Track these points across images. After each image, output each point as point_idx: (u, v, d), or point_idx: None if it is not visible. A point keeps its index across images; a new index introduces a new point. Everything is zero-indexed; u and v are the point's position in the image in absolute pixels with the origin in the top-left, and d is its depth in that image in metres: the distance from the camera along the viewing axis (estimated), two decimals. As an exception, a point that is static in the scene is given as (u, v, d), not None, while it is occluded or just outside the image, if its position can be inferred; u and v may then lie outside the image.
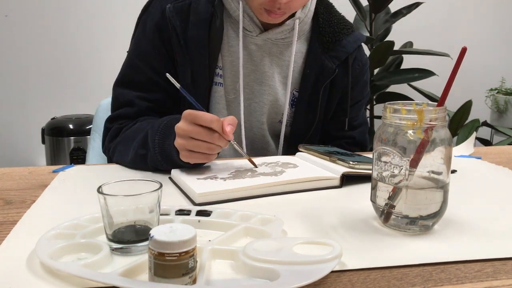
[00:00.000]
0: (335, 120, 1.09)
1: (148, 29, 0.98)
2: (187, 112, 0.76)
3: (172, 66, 0.98)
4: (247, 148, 1.04)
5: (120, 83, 1.01)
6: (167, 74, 0.84)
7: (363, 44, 1.10)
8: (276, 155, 1.06)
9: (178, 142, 0.77)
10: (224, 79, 1.01)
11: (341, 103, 1.07)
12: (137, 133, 0.90)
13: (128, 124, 0.96)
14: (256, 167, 0.83)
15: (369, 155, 0.93)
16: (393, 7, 2.37)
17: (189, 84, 0.97)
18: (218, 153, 0.80)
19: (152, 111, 0.98)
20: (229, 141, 0.77)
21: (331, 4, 1.09)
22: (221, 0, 0.98)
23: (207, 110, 1.01)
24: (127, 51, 1.04)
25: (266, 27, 1.00)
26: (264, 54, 1.01)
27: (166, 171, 0.83)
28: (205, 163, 0.82)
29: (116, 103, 1.01)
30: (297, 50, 1.03)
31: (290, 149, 1.06)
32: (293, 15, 1.00)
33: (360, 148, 1.11)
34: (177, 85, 0.83)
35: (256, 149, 1.07)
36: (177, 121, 0.81)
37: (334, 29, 1.03)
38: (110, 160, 0.98)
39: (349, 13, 2.44)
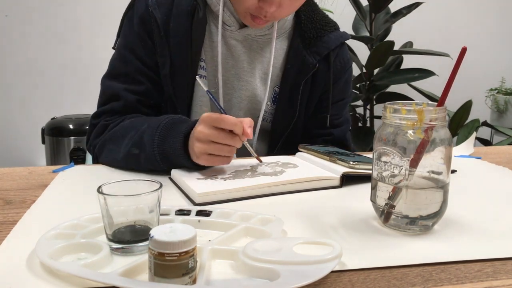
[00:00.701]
0: (316, 117, 1.08)
1: (135, 23, 0.99)
2: (206, 115, 0.76)
3: (156, 58, 0.99)
4: None
5: (108, 76, 1.02)
6: (196, 77, 0.87)
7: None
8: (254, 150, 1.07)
9: (198, 146, 0.76)
10: (207, 72, 1.02)
11: (322, 100, 1.07)
12: (129, 131, 0.89)
13: (115, 121, 0.95)
14: (261, 161, 0.85)
15: (369, 155, 0.93)
16: (393, 7, 2.37)
17: (167, 75, 0.98)
18: None
19: (138, 103, 0.98)
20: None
21: (315, 3, 1.09)
22: None
23: (190, 101, 1.02)
24: (113, 47, 1.05)
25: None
26: (244, 49, 1.02)
27: (166, 171, 0.83)
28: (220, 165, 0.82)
29: (103, 97, 1.01)
30: (278, 47, 1.04)
31: (272, 146, 1.07)
32: None
33: (339, 146, 1.08)
34: (205, 88, 0.85)
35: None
36: (179, 121, 0.81)
37: (316, 26, 1.03)
38: (95, 158, 0.96)
39: (349, 13, 2.46)
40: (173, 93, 0.98)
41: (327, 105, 1.06)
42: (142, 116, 0.96)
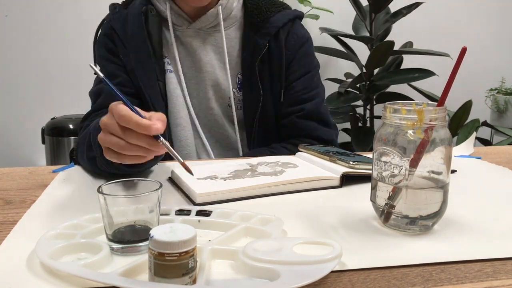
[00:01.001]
0: (283, 98, 1.09)
1: (97, 47, 1.09)
2: (113, 104, 0.64)
3: (124, 71, 1.05)
4: (207, 138, 1.10)
5: (94, 92, 1.09)
6: (90, 64, 0.71)
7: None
8: (236, 140, 1.10)
9: (99, 137, 0.67)
10: (172, 72, 1.08)
11: (279, 78, 1.09)
12: (87, 134, 0.84)
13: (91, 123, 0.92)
14: (192, 174, 0.65)
15: (369, 155, 0.93)
16: (393, 7, 2.37)
17: (136, 79, 1.03)
18: (158, 157, 0.70)
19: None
20: (157, 139, 0.62)
21: None
22: (151, 3, 1.06)
23: (166, 98, 1.07)
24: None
25: (194, 19, 1.06)
26: (198, 43, 1.07)
27: (165, 171, 0.83)
28: (143, 165, 0.70)
29: (91, 102, 1.08)
30: (232, 36, 1.09)
31: (248, 132, 1.09)
32: (217, 2, 1.05)
33: (315, 121, 1.08)
34: (100, 74, 0.66)
35: (216, 136, 1.11)
36: None
37: (261, 10, 1.08)
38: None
39: (349, 13, 2.46)
40: (145, 91, 1.02)
41: (281, 82, 1.08)
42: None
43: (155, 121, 0.61)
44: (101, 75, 0.66)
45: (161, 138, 0.61)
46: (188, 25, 1.06)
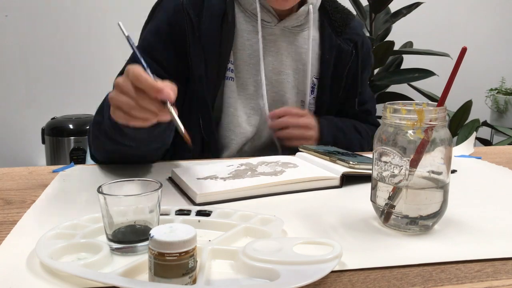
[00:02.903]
0: (350, 100, 1.12)
1: (160, 24, 0.98)
2: (131, 66, 0.66)
3: (178, 62, 0.97)
4: (271, 138, 1.06)
5: (121, 74, 0.99)
6: (118, 22, 0.73)
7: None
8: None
9: (110, 95, 0.69)
10: (238, 73, 1.02)
11: (353, 87, 1.10)
12: (103, 102, 0.86)
13: None
14: (191, 146, 0.66)
15: (369, 155, 0.93)
16: (393, 7, 2.37)
17: (202, 76, 0.97)
18: (161, 124, 0.71)
19: None
20: (165, 103, 0.64)
21: None
22: None
23: (220, 104, 1.02)
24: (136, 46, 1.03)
25: (281, 17, 1.02)
26: (282, 43, 1.04)
27: (165, 171, 0.83)
28: (143, 130, 0.71)
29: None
30: (312, 38, 1.06)
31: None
32: (302, 3, 1.03)
33: (375, 119, 1.18)
34: (125, 33, 0.71)
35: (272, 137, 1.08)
36: None
37: (341, 15, 1.08)
38: (93, 157, 0.92)
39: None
40: (205, 93, 0.97)
41: (356, 91, 1.11)
42: None
43: (167, 88, 0.63)
44: (126, 33, 0.70)
45: (169, 105, 0.64)
46: (277, 22, 1.01)
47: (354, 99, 1.12)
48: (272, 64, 1.04)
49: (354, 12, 2.38)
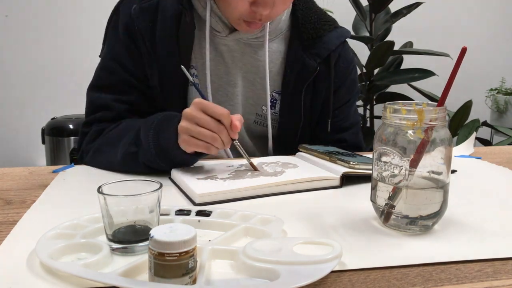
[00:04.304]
0: (322, 123, 1.04)
1: (120, 31, 0.96)
2: (198, 100, 0.76)
3: (144, 66, 0.96)
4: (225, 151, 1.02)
5: (94, 87, 0.98)
6: (182, 66, 0.83)
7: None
8: (255, 155, 1.03)
9: (182, 125, 0.75)
10: (199, 80, 0.98)
11: (324, 106, 1.03)
12: (126, 132, 0.87)
13: (109, 126, 0.92)
14: (258, 170, 0.80)
15: (369, 155, 0.93)
16: (393, 7, 2.37)
17: (156, 86, 0.94)
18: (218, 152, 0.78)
19: (130, 113, 0.94)
20: (233, 141, 0.77)
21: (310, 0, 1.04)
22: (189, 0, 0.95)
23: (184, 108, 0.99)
24: (99, 55, 1.01)
25: (234, 28, 0.96)
26: (236, 54, 0.98)
27: (166, 171, 0.83)
28: (200, 156, 0.81)
29: (92, 107, 0.97)
30: (274, 50, 1.00)
31: (281, 151, 1.01)
32: None
33: (355, 150, 1.07)
34: (190, 78, 0.83)
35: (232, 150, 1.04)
36: (174, 116, 0.79)
37: (314, 25, 0.98)
38: (87, 164, 0.92)
39: (349, 13, 2.46)
40: (164, 103, 0.95)
41: (329, 111, 1.02)
42: (138, 119, 0.92)
43: (237, 121, 0.75)
44: (191, 79, 0.83)
45: (237, 141, 0.78)
46: (228, 33, 0.95)
47: (325, 121, 1.03)
48: (227, 75, 0.98)
49: (354, 13, 2.39)
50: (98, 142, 0.91)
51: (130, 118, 0.94)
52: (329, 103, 1.02)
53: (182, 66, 0.83)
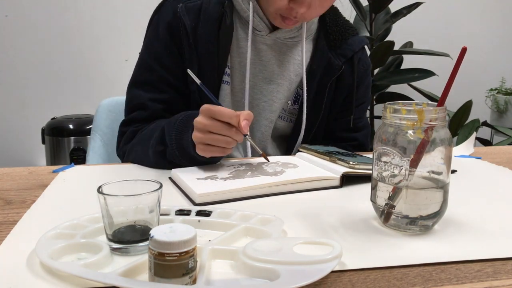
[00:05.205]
0: (341, 120, 1.10)
1: (160, 29, 1.00)
2: (205, 106, 0.78)
3: (183, 65, 0.99)
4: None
5: (133, 84, 1.03)
6: (188, 70, 0.87)
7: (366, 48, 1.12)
8: (276, 154, 1.06)
9: (195, 135, 0.78)
10: (232, 78, 1.02)
11: (346, 103, 1.09)
12: (154, 132, 0.91)
13: (143, 127, 0.98)
14: (268, 161, 0.86)
15: (369, 155, 0.93)
16: (393, 7, 2.37)
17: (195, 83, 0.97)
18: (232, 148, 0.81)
19: (165, 112, 0.99)
20: (245, 135, 0.79)
21: (337, 8, 1.12)
22: (231, 1, 1.00)
23: None
24: (139, 53, 1.05)
25: (274, 27, 1.01)
26: (273, 53, 1.03)
27: (166, 171, 0.83)
28: (221, 157, 0.84)
29: (130, 106, 1.02)
30: (306, 49, 1.05)
31: (291, 148, 1.07)
32: None
33: (360, 151, 1.11)
34: (197, 80, 0.86)
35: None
36: (194, 116, 0.81)
37: (340, 29, 1.06)
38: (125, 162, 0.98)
39: (349, 13, 2.46)
40: (200, 100, 0.98)
41: (351, 107, 1.09)
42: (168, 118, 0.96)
43: (244, 121, 0.78)
44: (198, 81, 0.85)
45: (248, 136, 0.81)
46: (269, 32, 1.01)
47: (345, 119, 1.10)
48: (262, 73, 1.03)
49: (354, 13, 2.39)
50: (132, 142, 0.97)
51: (165, 117, 0.98)
52: (352, 100, 1.08)
53: (188, 70, 0.87)
